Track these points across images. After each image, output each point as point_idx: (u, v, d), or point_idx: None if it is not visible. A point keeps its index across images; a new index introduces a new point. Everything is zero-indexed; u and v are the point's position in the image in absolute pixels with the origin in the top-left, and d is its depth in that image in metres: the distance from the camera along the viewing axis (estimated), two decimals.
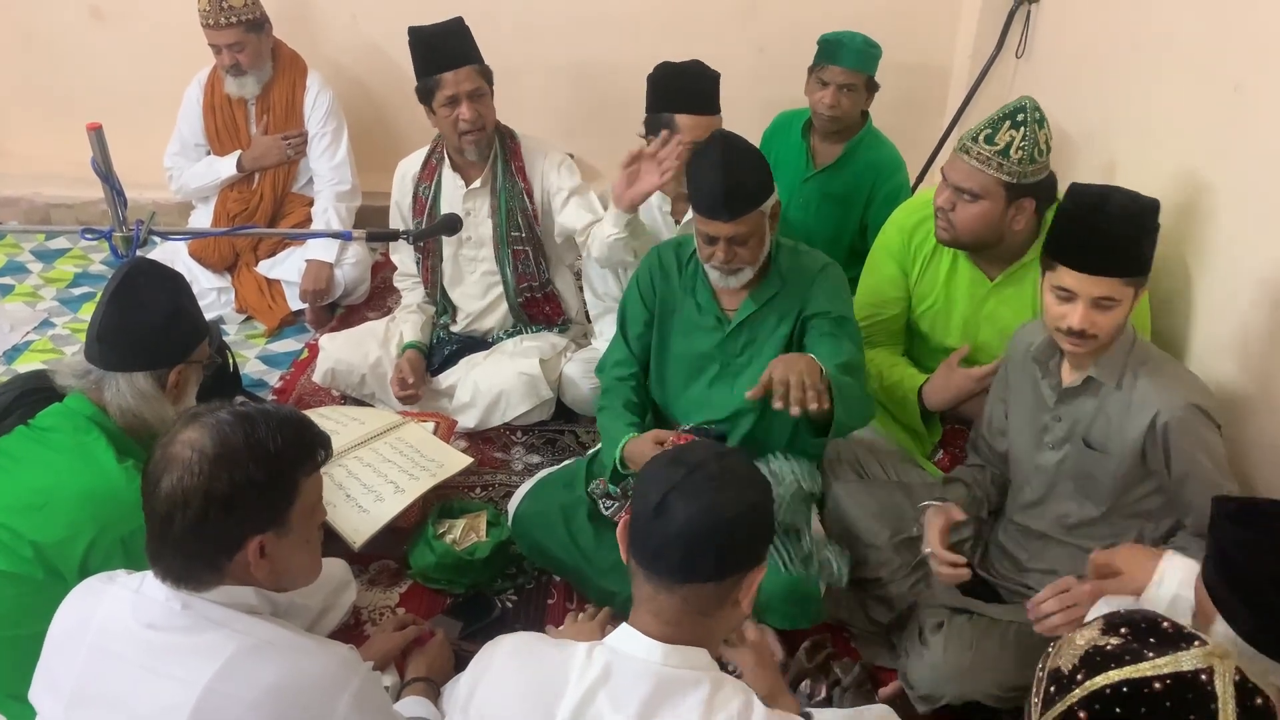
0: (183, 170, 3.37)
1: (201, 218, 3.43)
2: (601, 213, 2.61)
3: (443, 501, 2.40)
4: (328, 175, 3.32)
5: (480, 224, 2.76)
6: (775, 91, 3.19)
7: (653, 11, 3.57)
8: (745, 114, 2.85)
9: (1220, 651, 0.87)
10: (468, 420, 2.75)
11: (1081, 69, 2.98)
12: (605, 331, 2.76)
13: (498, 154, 2.70)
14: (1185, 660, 0.86)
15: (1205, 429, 1.77)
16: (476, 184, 2.72)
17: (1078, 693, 0.88)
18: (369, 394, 2.83)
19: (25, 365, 3.09)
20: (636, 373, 2.29)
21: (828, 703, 1.89)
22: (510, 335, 2.88)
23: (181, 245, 3.30)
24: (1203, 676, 0.85)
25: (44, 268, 3.67)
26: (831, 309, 2.10)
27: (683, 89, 2.51)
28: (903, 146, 3.03)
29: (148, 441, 1.64)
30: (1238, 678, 0.86)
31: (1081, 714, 0.87)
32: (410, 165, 2.81)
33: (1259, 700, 0.87)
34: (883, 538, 2.09)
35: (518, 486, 2.39)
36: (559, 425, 2.81)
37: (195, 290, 1.91)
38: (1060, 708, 0.89)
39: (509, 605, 2.25)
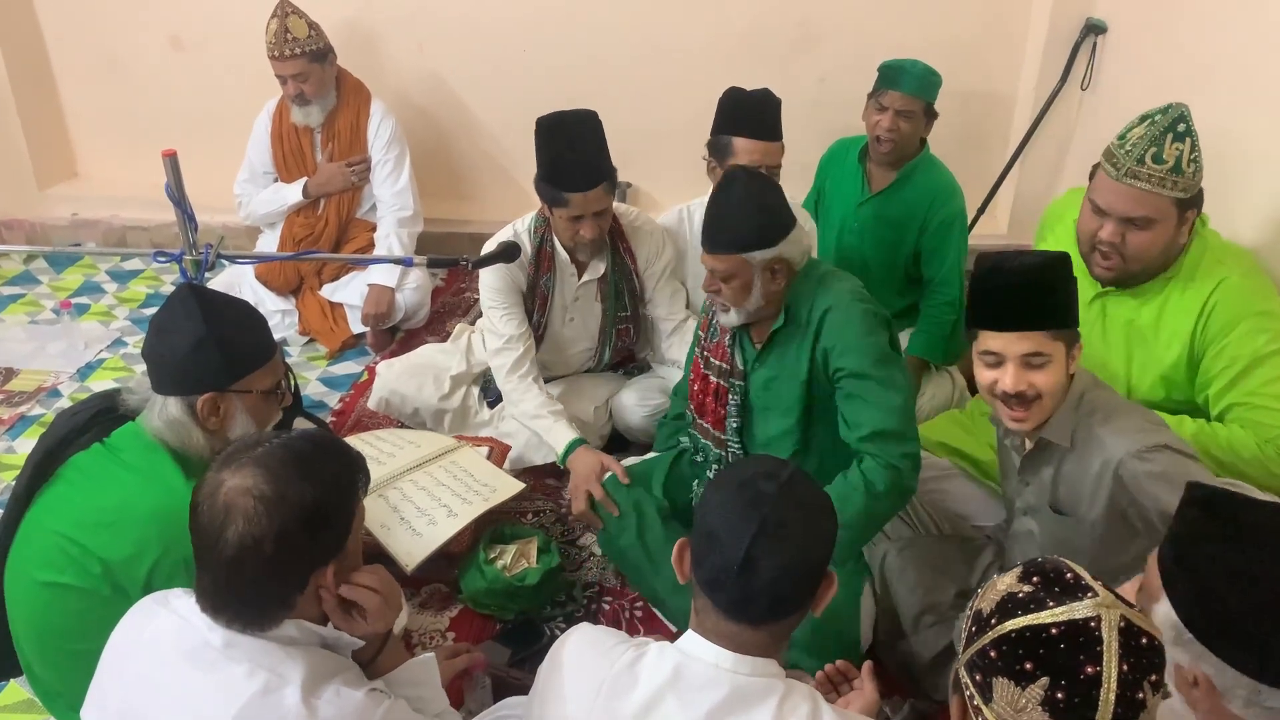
0: (251, 197, 3.47)
1: (268, 242, 3.52)
2: (681, 289, 2.76)
3: (495, 526, 2.42)
4: (390, 201, 3.39)
5: (587, 308, 2.72)
6: (834, 120, 3.20)
7: (717, 41, 3.60)
8: (804, 141, 2.85)
9: (1109, 602, 1.03)
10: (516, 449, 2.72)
11: (1150, 101, 2.90)
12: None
13: (607, 243, 2.61)
14: (1079, 610, 1.02)
15: (1171, 464, 1.65)
16: (588, 275, 2.65)
17: (990, 634, 1.05)
18: (419, 423, 2.86)
19: (98, 382, 3.19)
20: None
21: None
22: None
23: (248, 268, 3.39)
24: (1092, 623, 1.01)
25: (118, 288, 3.79)
26: (846, 364, 2.01)
27: (743, 114, 2.54)
28: (964, 178, 3.00)
29: (200, 465, 1.66)
30: (1123, 624, 1.01)
31: (992, 653, 1.04)
32: (516, 268, 2.59)
33: (1144, 640, 1.02)
34: (948, 594, 2.00)
35: (569, 514, 2.40)
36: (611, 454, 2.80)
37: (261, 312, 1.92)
38: (976, 646, 1.06)
39: (558, 632, 2.24)
